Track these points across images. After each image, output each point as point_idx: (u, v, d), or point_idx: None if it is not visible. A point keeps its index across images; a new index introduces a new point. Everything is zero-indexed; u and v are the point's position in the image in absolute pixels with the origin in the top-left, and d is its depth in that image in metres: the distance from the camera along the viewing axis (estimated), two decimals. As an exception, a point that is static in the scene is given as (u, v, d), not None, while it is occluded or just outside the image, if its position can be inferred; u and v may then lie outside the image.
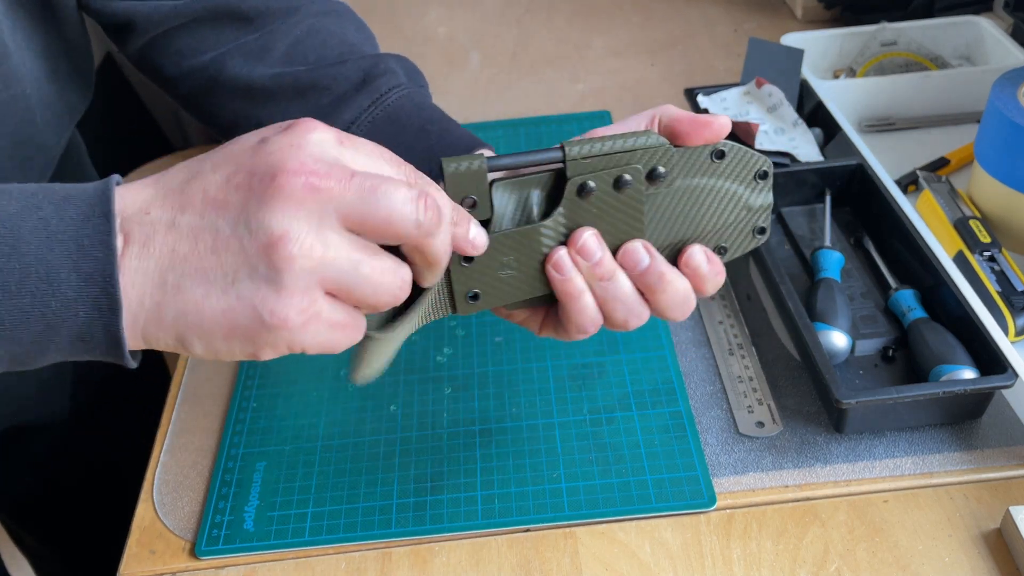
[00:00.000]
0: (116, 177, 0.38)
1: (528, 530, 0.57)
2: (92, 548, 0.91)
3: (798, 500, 0.57)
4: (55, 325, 0.36)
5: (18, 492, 0.84)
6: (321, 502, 0.59)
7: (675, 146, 0.46)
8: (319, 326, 0.38)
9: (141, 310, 0.37)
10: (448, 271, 0.45)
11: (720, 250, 0.50)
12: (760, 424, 0.62)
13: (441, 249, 0.41)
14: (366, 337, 0.42)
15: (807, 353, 0.61)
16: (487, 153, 0.55)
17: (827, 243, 0.71)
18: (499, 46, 1.11)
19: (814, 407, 0.63)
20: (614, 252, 0.47)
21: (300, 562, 0.57)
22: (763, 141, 0.78)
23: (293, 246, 0.36)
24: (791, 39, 0.92)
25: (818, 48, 0.95)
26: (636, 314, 0.47)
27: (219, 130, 0.63)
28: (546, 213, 0.46)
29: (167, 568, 0.57)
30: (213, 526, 0.58)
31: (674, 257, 0.49)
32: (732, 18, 1.12)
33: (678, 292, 0.47)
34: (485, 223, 0.45)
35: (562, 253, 0.45)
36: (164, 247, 0.37)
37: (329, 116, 0.58)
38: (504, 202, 0.45)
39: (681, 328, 0.69)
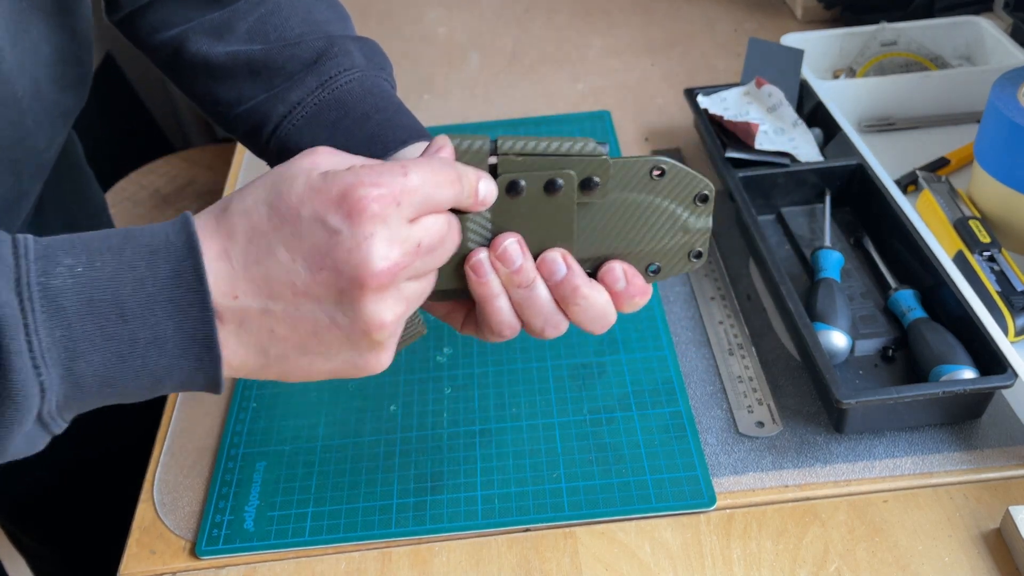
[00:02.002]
0: (191, 223, 0.39)
1: (528, 530, 0.57)
2: (92, 548, 0.91)
3: (798, 500, 0.57)
4: (162, 378, 0.39)
5: (17, 492, 0.84)
6: (321, 502, 0.59)
7: (614, 158, 0.45)
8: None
9: (243, 369, 0.41)
10: None
11: (652, 270, 0.49)
12: (760, 424, 0.62)
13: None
14: None
15: (807, 353, 0.61)
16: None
17: (827, 243, 0.71)
18: (498, 46, 1.11)
19: (814, 407, 0.63)
20: (537, 257, 0.46)
21: (300, 562, 0.57)
22: (763, 141, 0.78)
23: (389, 327, 0.40)
24: (791, 39, 0.92)
25: (818, 48, 0.95)
26: (553, 324, 0.47)
27: (192, 100, 0.64)
28: None
29: (167, 568, 0.57)
30: (213, 526, 0.58)
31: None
32: (732, 18, 1.12)
33: (592, 307, 0.47)
34: None
35: (482, 256, 0.45)
36: (262, 329, 0.40)
37: (279, 97, 0.58)
38: None
39: (681, 328, 0.69)
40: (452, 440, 0.62)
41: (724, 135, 0.81)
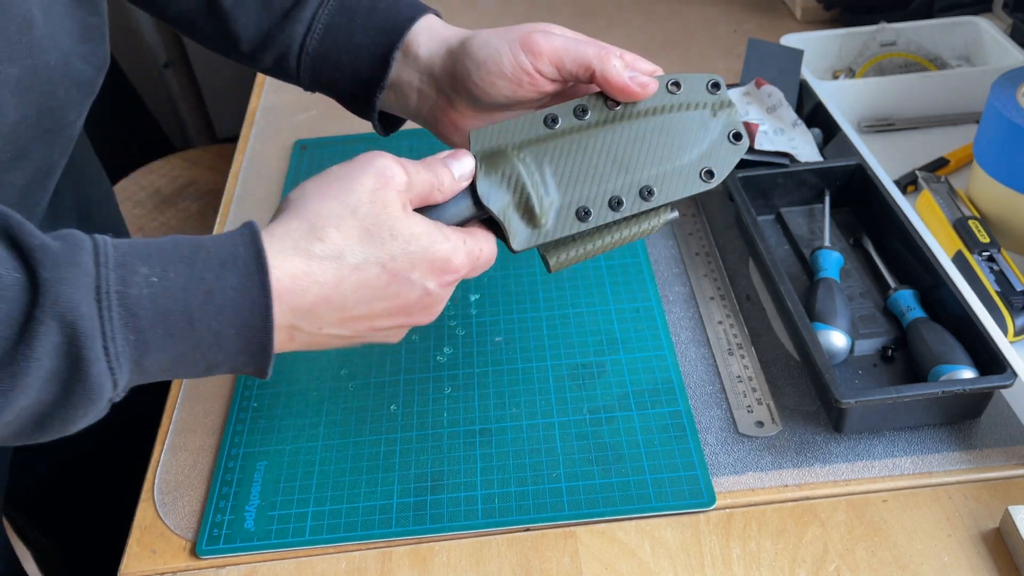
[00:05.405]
0: (258, 238, 0.44)
1: (528, 530, 0.57)
2: (94, 546, 0.91)
3: (797, 500, 0.58)
4: (215, 368, 0.44)
5: (23, 486, 0.84)
6: (321, 502, 0.59)
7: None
8: None
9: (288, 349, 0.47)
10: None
11: (705, 176, 0.54)
12: (759, 424, 0.62)
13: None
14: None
15: (806, 353, 0.61)
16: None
17: (826, 243, 0.72)
18: (499, 46, 1.11)
19: (813, 407, 0.63)
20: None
21: (300, 562, 0.57)
22: (762, 141, 0.78)
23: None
24: (791, 39, 0.92)
25: (817, 48, 0.95)
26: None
27: (214, 49, 0.66)
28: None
29: (168, 567, 0.57)
30: (214, 525, 0.58)
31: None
32: (732, 18, 1.12)
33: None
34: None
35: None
36: (318, 341, 0.48)
37: (294, 17, 0.62)
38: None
39: (681, 328, 0.69)
40: (452, 440, 0.62)
41: (724, 135, 0.81)
